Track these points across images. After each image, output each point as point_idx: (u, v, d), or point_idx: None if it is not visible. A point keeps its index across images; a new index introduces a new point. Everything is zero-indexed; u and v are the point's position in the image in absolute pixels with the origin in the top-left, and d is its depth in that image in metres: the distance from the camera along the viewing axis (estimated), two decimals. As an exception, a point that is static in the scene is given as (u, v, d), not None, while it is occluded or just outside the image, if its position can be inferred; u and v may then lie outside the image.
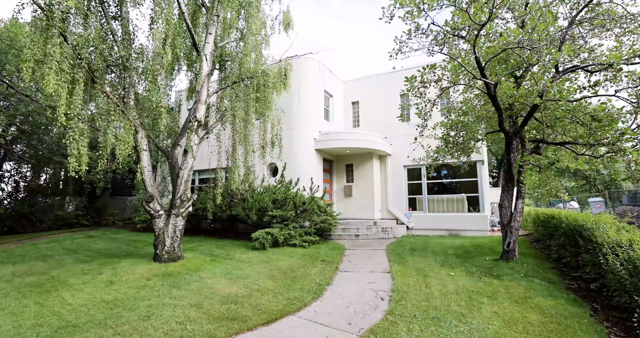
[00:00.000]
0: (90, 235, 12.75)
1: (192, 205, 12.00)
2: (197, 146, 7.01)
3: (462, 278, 5.55)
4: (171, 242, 6.70)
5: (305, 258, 7.39)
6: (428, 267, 6.38)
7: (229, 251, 8.09)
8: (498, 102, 5.24)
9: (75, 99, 4.99)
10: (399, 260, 7.15)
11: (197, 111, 6.95)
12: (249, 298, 4.81)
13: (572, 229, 6.10)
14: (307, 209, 9.43)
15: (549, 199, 7.62)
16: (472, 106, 6.86)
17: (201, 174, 15.37)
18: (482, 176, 12.01)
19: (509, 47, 4.41)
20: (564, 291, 4.81)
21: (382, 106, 13.99)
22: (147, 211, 6.64)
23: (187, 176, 6.82)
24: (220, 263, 6.82)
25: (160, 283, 5.56)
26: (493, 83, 4.83)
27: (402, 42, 5.65)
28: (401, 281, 5.49)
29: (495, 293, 4.70)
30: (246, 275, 5.98)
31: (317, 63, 12.60)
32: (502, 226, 6.47)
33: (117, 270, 6.32)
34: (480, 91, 5.64)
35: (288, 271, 6.24)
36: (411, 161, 12.72)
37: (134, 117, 6.73)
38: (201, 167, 13.36)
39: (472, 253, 7.51)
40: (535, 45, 4.38)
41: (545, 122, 6.79)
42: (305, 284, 5.51)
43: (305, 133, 11.82)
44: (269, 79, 7.72)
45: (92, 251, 8.96)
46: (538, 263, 6.38)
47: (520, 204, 6.36)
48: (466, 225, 11.63)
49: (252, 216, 9.46)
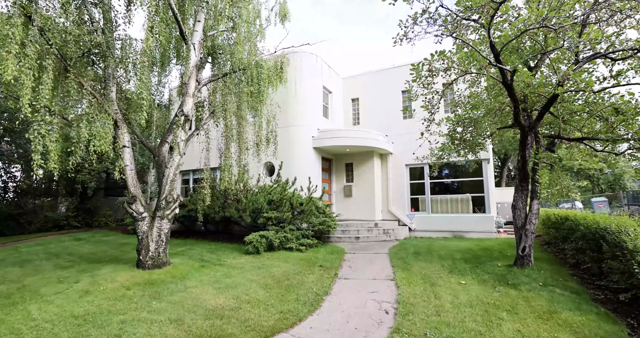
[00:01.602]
0: (78, 237, 12.19)
1: (183, 206, 11.49)
2: (185, 143, 6.47)
3: (475, 287, 5.02)
4: (156, 247, 6.16)
5: (302, 263, 6.85)
6: (435, 274, 5.85)
7: (221, 256, 7.55)
8: (514, 92, 4.71)
9: (43, 89, 4.45)
10: (402, 265, 6.62)
11: (185, 104, 6.41)
12: (237, 312, 4.28)
13: (593, 232, 5.58)
14: (305, 211, 8.89)
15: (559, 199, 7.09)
16: (481, 100, 6.33)
17: (195, 174, 14.83)
18: (487, 175, 11.49)
19: (530, 28, 3.89)
20: (591, 303, 4.28)
21: (383, 103, 13.46)
22: (129, 214, 6.10)
23: (173, 175, 6.28)
24: (209, 270, 6.28)
25: (140, 293, 5.02)
26: (510, 70, 4.30)
27: (407, 27, 5.12)
28: (407, 291, 4.96)
29: (515, 305, 4.17)
30: (236, 283, 5.44)
31: (315, 58, 12.07)
32: (516, 229, 5.94)
33: (95, 278, 5.78)
34: (495, 79, 5.11)
35: (283, 279, 5.70)
36: (414, 160, 12.21)
37: (115, 111, 6.19)
38: (195, 166, 12.79)
39: (482, 258, 6.99)
40: (560, 26, 3.86)
41: (561, 117, 6.27)
42: (301, 294, 4.98)
43: (303, 130, 11.29)
44: (263, 70, 7.17)
45: (75, 255, 8.42)
46: (555, 270, 5.85)
47: (536, 206, 5.84)
48: (471, 226, 11.11)
49: (246, 218, 8.92)
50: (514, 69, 4.29)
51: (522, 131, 5.51)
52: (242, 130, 8.22)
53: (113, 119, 6.08)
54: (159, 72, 8.77)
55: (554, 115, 6.35)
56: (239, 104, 7.39)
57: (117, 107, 6.26)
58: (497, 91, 6.71)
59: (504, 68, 4.33)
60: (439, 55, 4.74)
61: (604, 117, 5.96)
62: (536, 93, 5.51)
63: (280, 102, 10.58)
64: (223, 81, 7.11)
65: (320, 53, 12.43)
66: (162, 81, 9.33)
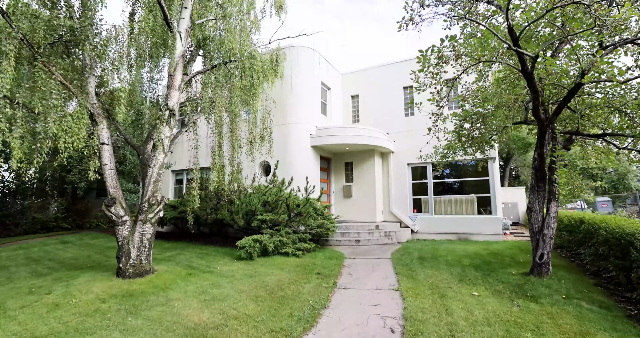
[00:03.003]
0: (65, 240, 11.64)
1: (174, 208, 10.94)
2: (170, 140, 5.93)
3: (490, 300, 4.50)
4: (137, 254, 5.62)
5: (298, 270, 6.33)
6: (444, 283, 5.32)
7: (211, 262, 7.02)
8: (535, 81, 4.19)
9: (2, 78, 3.92)
10: (407, 272, 6.10)
11: (170, 97, 5.87)
12: (221, 331, 3.75)
13: (617, 237, 5.07)
14: (302, 213, 8.36)
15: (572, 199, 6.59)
16: (493, 93, 5.81)
17: (190, 174, 14.24)
18: (493, 174, 10.98)
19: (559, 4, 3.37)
20: (627, 321, 3.75)
21: (383, 100, 12.93)
22: (108, 218, 5.56)
23: (157, 174, 5.74)
24: (196, 279, 5.75)
25: (116, 307, 4.49)
26: (532, 55, 3.78)
27: (412, 10, 4.60)
28: (414, 304, 4.44)
29: (540, 324, 3.65)
30: (224, 295, 4.91)
31: (312, 51, 11.54)
32: (532, 233, 5.43)
33: (70, 288, 5.24)
34: (513, 67, 4.59)
35: (276, 289, 5.17)
36: (416, 159, 11.67)
37: (94, 105, 5.66)
38: (185, 166, 12.22)
39: (493, 264, 6.47)
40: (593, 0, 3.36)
41: (580, 111, 5.76)
42: (295, 308, 4.45)
43: (300, 128, 10.75)
44: (256, 62, 6.63)
45: (56, 261, 7.88)
46: (576, 279, 5.33)
47: (554, 208, 5.32)
48: (477, 228, 10.59)
49: (239, 220, 8.38)
50: (536, 55, 3.77)
51: (540, 126, 4.99)
52: (234, 127, 7.69)
53: (90, 114, 5.55)
54: (151, 68, 8.23)
55: (572, 109, 5.84)
56: (230, 98, 6.85)
57: (96, 102, 5.72)
58: (510, 82, 6.20)
59: (524, 53, 3.81)
60: (449, 40, 4.22)
61: (625, 112, 5.46)
62: (555, 84, 5.00)
63: (276, 99, 10.04)
64: (213, 73, 6.57)
65: (318, 48, 11.91)
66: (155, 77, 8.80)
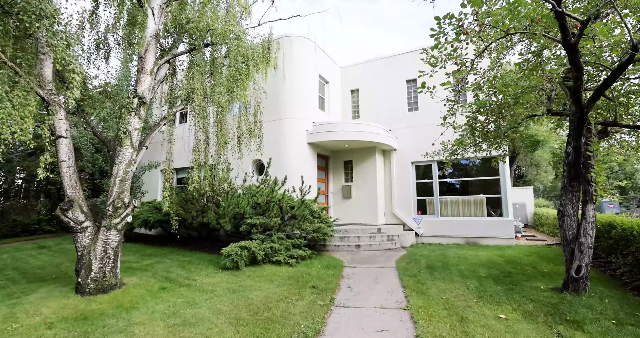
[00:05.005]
0: (42, 244, 10.79)
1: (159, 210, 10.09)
2: (139, 132, 5.08)
3: (522, 325, 3.66)
4: (100, 266, 4.78)
5: (290, 283, 5.49)
6: (461, 301, 4.49)
7: (192, 273, 6.18)
8: (579, 56, 3.36)
9: None
10: (416, 286, 5.26)
11: (140, 83, 5.03)
12: (185, 372, 2.92)
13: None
14: (297, 216, 7.53)
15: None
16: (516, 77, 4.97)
17: (180, 173, 13.43)
18: (504, 173, 10.17)
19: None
20: None
21: (386, 95, 12.10)
22: (64, 223, 4.72)
23: (124, 173, 4.89)
24: (169, 295, 4.90)
25: (63, 334, 3.65)
26: (582, 19, 2.95)
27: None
28: (428, 330, 3.61)
29: (597, 366, 2.83)
30: (198, 317, 4.07)
31: (309, 42, 10.70)
32: (565, 242, 4.60)
33: (16, 308, 4.40)
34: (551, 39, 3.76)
35: (261, 309, 4.33)
36: (421, 157, 10.86)
37: (50, 91, 4.82)
38: (179, 165, 11.35)
39: (514, 276, 5.64)
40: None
41: (617, 98, 4.93)
42: (283, 335, 3.62)
43: (295, 123, 9.92)
44: (243, 44, 5.79)
45: (20, 270, 7.02)
46: (618, 296, 4.49)
47: (592, 212, 4.50)
48: (487, 232, 9.78)
49: (225, 224, 7.54)
50: (587, 18, 2.94)
51: (579, 114, 4.16)
52: (222, 120, 6.86)
53: (44, 101, 4.71)
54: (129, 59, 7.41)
55: (608, 97, 5.00)
56: (213, 86, 6.02)
57: (52, 88, 4.88)
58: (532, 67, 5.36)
59: (572, 16, 2.99)
60: (472, 4, 3.39)
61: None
62: (595, 64, 4.17)
63: (270, 93, 9.22)
64: (193, 57, 5.73)
65: (315, 39, 11.08)
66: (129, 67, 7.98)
